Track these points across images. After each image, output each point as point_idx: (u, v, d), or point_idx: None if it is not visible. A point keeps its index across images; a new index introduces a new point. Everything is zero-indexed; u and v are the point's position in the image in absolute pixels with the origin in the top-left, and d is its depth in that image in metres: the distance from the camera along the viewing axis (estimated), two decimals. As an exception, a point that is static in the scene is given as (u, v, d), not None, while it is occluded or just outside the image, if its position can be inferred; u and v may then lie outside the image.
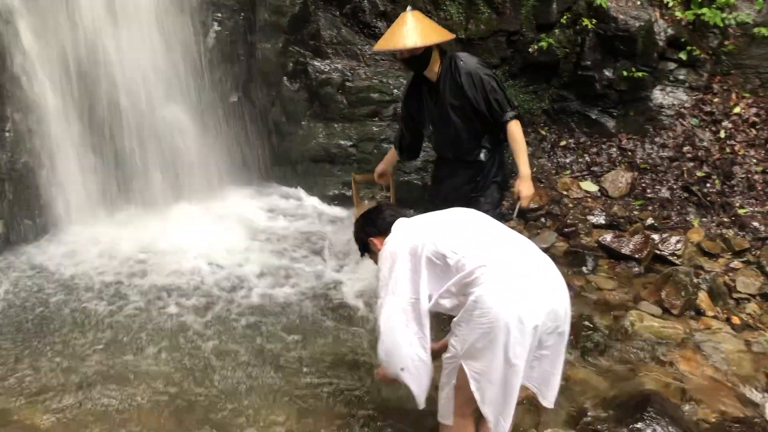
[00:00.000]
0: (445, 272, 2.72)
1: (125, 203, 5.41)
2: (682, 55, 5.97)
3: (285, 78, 5.98)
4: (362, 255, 3.20)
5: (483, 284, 2.61)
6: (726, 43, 6.02)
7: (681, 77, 6.06)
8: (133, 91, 5.36)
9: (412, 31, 3.70)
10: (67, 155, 5.07)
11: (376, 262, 3.00)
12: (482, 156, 3.95)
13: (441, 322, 3.39)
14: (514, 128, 3.85)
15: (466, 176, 4.00)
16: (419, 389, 2.80)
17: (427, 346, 2.77)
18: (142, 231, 5.17)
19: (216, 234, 5.19)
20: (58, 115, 5.00)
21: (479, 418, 2.81)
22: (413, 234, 2.83)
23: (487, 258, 2.68)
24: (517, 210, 4.02)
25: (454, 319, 2.71)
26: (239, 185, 5.98)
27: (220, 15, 5.88)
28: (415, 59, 3.80)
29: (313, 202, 5.83)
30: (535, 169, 5.98)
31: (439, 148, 4.11)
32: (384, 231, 2.98)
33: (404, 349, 2.76)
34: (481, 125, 3.88)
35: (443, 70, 3.84)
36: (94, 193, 5.23)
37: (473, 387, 2.64)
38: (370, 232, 3.05)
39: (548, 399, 2.79)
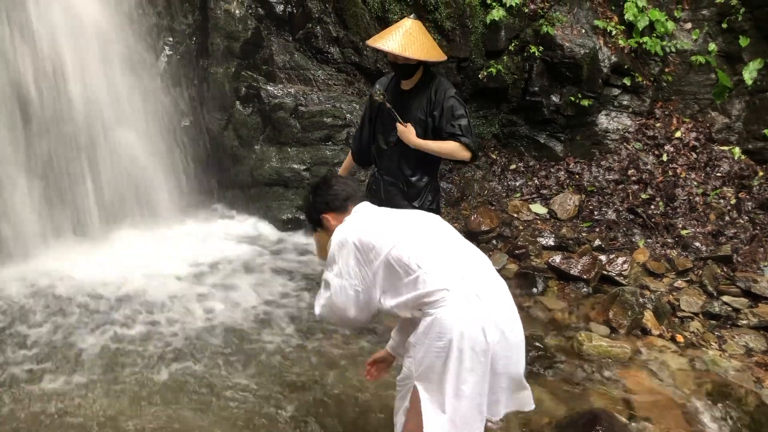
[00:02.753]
0: (405, 284, 2.64)
1: (69, 230, 5.30)
2: (626, 81, 6.18)
3: (238, 102, 5.98)
4: (315, 230, 3.04)
5: (443, 307, 2.55)
6: (666, 70, 6.26)
7: (625, 103, 6.28)
8: (83, 116, 5.29)
9: (414, 42, 3.69)
10: (12, 181, 4.95)
11: (327, 237, 2.87)
12: (420, 177, 3.97)
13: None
14: (454, 145, 3.81)
15: (403, 198, 3.97)
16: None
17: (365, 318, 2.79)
18: (84, 260, 5.06)
19: (161, 263, 5.10)
20: (5, 141, 4.88)
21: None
22: (376, 230, 2.72)
23: (450, 280, 2.60)
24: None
25: (409, 339, 2.69)
26: (191, 210, 5.94)
27: (171, 39, 5.89)
28: (406, 67, 3.81)
29: (264, 227, 5.79)
30: (486, 192, 6.11)
31: (383, 158, 4.04)
32: (337, 208, 2.87)
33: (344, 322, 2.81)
34: None
35: (421, 84, 3.88)
36: (41, 220, 5.12)
37: (424, 409, 2.63)
38: (322, 208, 2.91)
39: (527, 403, 2.80)
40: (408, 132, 3.86)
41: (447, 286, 2.58)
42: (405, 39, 3.67)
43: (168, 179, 5.80)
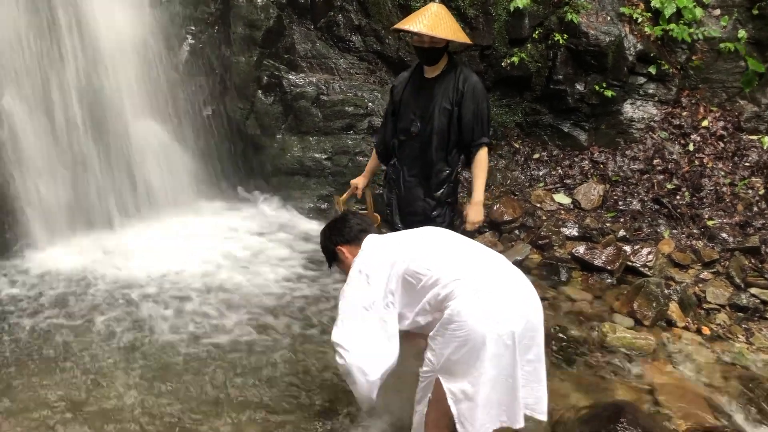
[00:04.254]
0: (420, 290, 2.73)
1: (97, 219, 5.34)
2: (652, 70, 6.08)
3: (260, 91, 5.98)
4: (330, 265, 3.17)
5: (457, 298, 2.63)
6: (693, 58, 6.15)
7: (650, 91, 6.17)
8: (106, 105, 5.33)
9: (441, 23, 3.67)
10: (38, 171, 5.01)
11: (343, 271, 2.98)
12: (442, 168, 3.95)
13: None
14: (483, 154, 3.87)
15: (424, 188, 3.97)
16: (368, 389, 2.74)
17: (389, 361, 2.74)
18: (110, 248, 5.11)
19: (185, 251, 5.12)
20: (28, 131, 4.94)
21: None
22: (386, 253, 2.84)
23: (461, 272, 2.70)
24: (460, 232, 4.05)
25: (430, 333, 2.72)
26: (213, 199, 5.98)
27: (193, 29, 5.90)
28: (433, 50, 3.78)
29: (287, 216, 5.79)
30: (509, 182, 6.06)
31: (405, 147, 4.01)
32: (351, 240, 2.98)
33: (369, 359, 2.73)
34: (455, 139, 3.89)
35: (446, 72, 3.85)
36: (65, 209, 5.17)
37: (450, 401, 2.64)
38: (337, 241, 3.02)
39: (540, 411, 2.79)
40: (476, 216, 3.90)
41: (457, 278, 2.66)
42: (432, 20, 3.65)
43: (191, 168, 5.83)
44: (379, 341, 2.74)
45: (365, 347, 2.73)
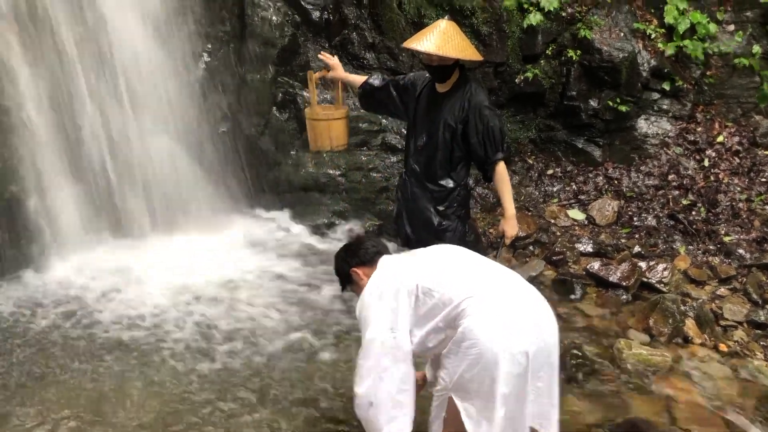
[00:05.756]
0: (433, 308, 2.72)
1: (112, 234, 5.38)
2: (666, 86, 6.07)
3: (274, 108, 6.03)
4: (343, 288, 3.15)
5: (470, 315, 2.62)
6: (708, 73, 6.14)
7: (665, 107, 6.16)
8: (123, 121, 5.39)
9: (450, 42, 3.68)
10: (55, 185, 5.06)
11: (357, 293, 2.98)
12: (446, 183, 3.96)
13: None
14: (502, 169, 3.87)
15: (430, 201, 3.98)
16: (388, 426, 2.74)
17: (406, 387, 2.75)
18: (127, 264, 5.13)
19: (198, 267, 5.14)
20: (46, 144, 5.01)
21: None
22: (399, 273, 2.83)
23: (474, 289, 2.69)
24: (500, 248, 4.08)
25: (443, 351, 2.70)
26: (228, 214, 5.98)
27: (210, 46, 5.95)
28: (441, 68, 3.80)
29: (301, 233, 5.81)
30: (522, 198, 6.04)
31: (412, 159, 4.05)
32: (366, 262, 2.97)
33: (382, 386, 2.73)
34: (460, 155, 3.90)
35: (455, 89, 3.86)
36: (82, 224, 5.21)
37: (465, 419, 2.63)
38: (352, 262, 3.00)
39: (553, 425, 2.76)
40: (512, 230, 3.93)
41: (471, 295, 2.65)
42: (440, 39, 3.65)
43: (205, 184, 5.85)
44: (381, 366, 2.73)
45: (388, 398, 2.72)
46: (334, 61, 4.29)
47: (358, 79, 4.34)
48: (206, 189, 5.88)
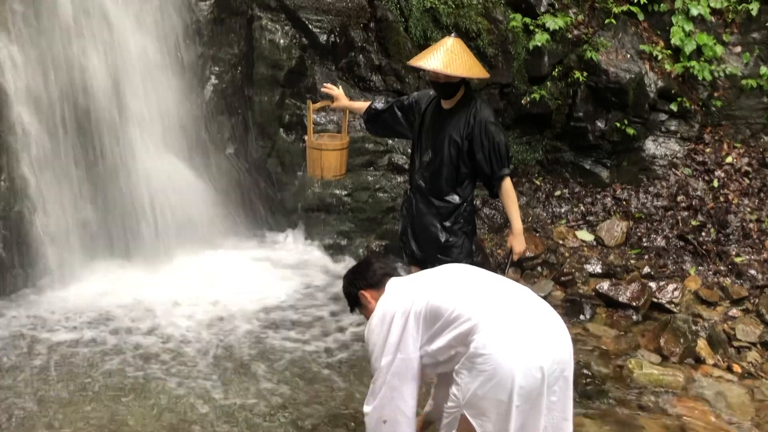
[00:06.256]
0: (443, 326, 2.68)
1: (118, 255, 5.35)
2: (673, 107, 6.06)
3: (281, 129, 6.04)
4: (352, 310, 3.12)
5: (482, 331, 2.56)
6: (715, 94, 6.13)
7: (672, 128, 6.15)
8: (129, 142, 5.39)
9: (456, 59, 3.67)
10: (61, 205, 5.05)
11: (366, 316, 2.95)
12: (452, 198, 3.93)
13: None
14: (508, 185, 3.85)
15: (435, 217, 3.95)
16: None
17: (415, 403, 2.75)
18: (132, 285, 5.09)
19: (204, 288, 5.10)
20: (53, 164, 5.01)
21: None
22: (407, 294, 2.80)
23: (485, 306, 2.64)
24: (509, 265, 4.04)
25: (456, 367, 2.65)
26: (234, 236, 5.95)
27: (217, 69, 5.99)
28: (448, 86, 3.80)
29: (307, 252, 5.78)
30: (530, 219, 6.00)
31: (417, 175, 4.02)
32: (374, 284, 2.94)
33: (393, 404, 2.73)
34: (466, 171, 3.88)
35: (461, 105, 3.86)
36: (87, 243, 5.19)
37: (477, 428, 2.56)
38: (360, 285, 2.98)
39: None
40: (520, 246, 3.92)
41: (482, 311, 2.61)
42: (447, 57, 3.65)
43: (212, 206, 5.83)
44: (406, 395, 2.73)
45: (400, 414, 2.74)
46: (337, 91, 4.31)
47: (363, 105, 4.35)
48: (213, 211, 5.86)
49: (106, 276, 5.14)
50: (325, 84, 4.50)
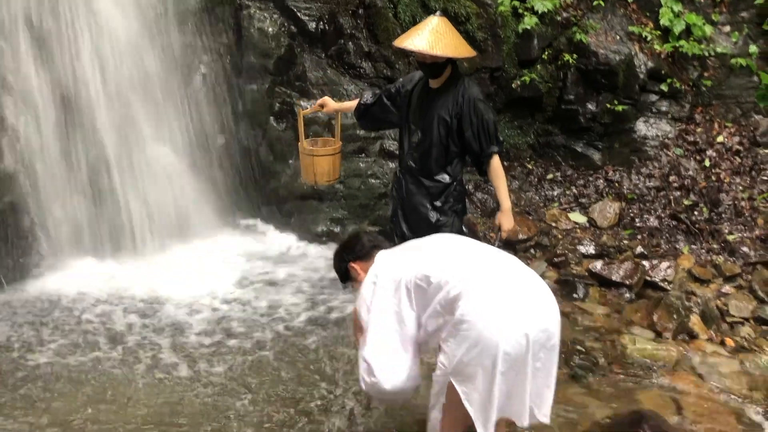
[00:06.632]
0: (431, 294, 2.69)
1: (109, 245, 5.33)
2: (663, 87, 6.05)
3: (272, 118, 6.02)
4: (344, 285, 3.15)
5: (468, 298, 2.58)
6: (705, 74, 6.12)
7: (663, 109, 6.14)
8: (120, 132, 5.38)
9: (442, 39, 3.66)
10: (52, 196, 5.04)
11: (356, 288, 2.96)
12: (442, 178, 3.93)
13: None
14: (496, 163, 3.86)
15: (426, 197, 3.95)
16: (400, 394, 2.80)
17: (413, 373, 2.75)
18: (124, 275, 5.08)
19: (200, 279, 5.07)
20: (44, 155, 4.99)
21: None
22: (396, 263, 2.82)
23: (471, 272, 2.66)
24: (497, 242, 4.03)
25: (442, 335, 2.66)
26: (227, 225, 5.95)
27: (206, 58, 5.97)
28: (434, 66, 3.78)
29: (300, 239, 5.77)
30: (523, 202, 5.99)
31: (407, 156, 4.03)
32: (363, 257, 2.96)
33: (398, 374, 2.72)
34: (455, 150, 3.87)
35: (448, 84, 3.85)
36: (78, 234, 5.18)
37: (465, 401, 2.57)
38: (349, 258, 3.01)
39: (544, 415, 2.70)
40: (508, 223, 3.93)
41: (467, 278, 2.62)
42: (433, 37, 3.64)
43: (204, 195, 5.83)
44: (398, 351, 2.72)
45: (389, 364, 2.72)
46: (321, 99, 4.34)
47: (353, 104, 4.36)
48: (205, 200, 5.86)
49: (96, 267, 5.12)
50: (302, 109, 4.47)
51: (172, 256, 5.49)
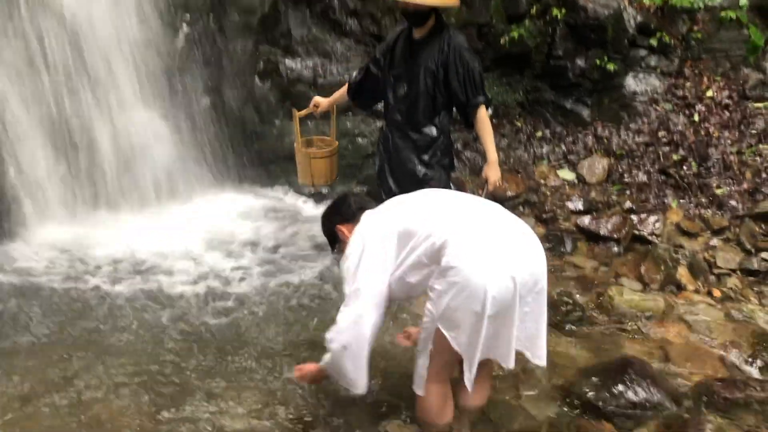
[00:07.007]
0: (415, 245, 2.67)
1: (94, 207, 5.28)
2: (653, 42, 5.99)
3: (256, 77, 5.94)
4: (333, 249, 3.12)
5: (454, 245, 2.56)
6: (695, 28, 6.05)
7: (652, 63, 6.08)
8: (102, 94, 5.29)
9: None
10: (33, 158, 4.97)
11: (344, 251, 2.92)
12: (430, 130, 3.89)
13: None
14: (483, 114, 3.83)
15: (413, 151, 3.91)
16: (355, 372, 2.75)
17: (375, 332, 2.74)
18: (110, 236, 5.03)
19: (183, 240, 5.01)
20: (23, 117, 4.90)
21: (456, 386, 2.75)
22: (381, 220, 2.81)
23: (457, 221, 2.65)
24: (484, 195, 4.01)
25: (429, 283, 2.64)
26: (212, 187, 5.89)
27: (188, 16, 5.84)
28: (418, 14, 3.72)
29: (287, 200, 5.74)
30: (512, 161, 5.96)
31: (393, 110, 3.99)
32: (350, 218, 2.94)
33: (357, 330, 2.71)
34: (443, 101, 3.83)
35: (433, 33, 3.78)
36: (62, 197, 5.11)
37: (453, 344, 2.57)
38: (336, 220, 2.99)
39: (539, 357, 2.70)
40: (495, 175, 3.93)
41: (452, 226, 2.61)
42: None
43: (189, 158, 5.76)
44: (370, 322, 2.70)
45: (362, 343, 2.71)
46: (314, 100, 4.35)
47: (342, 90, 4.32)
48: (190, 162, 5.80)
49: (83, 227, 5.06)
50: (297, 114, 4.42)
51: (156, 217, 5.44)
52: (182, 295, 4.27)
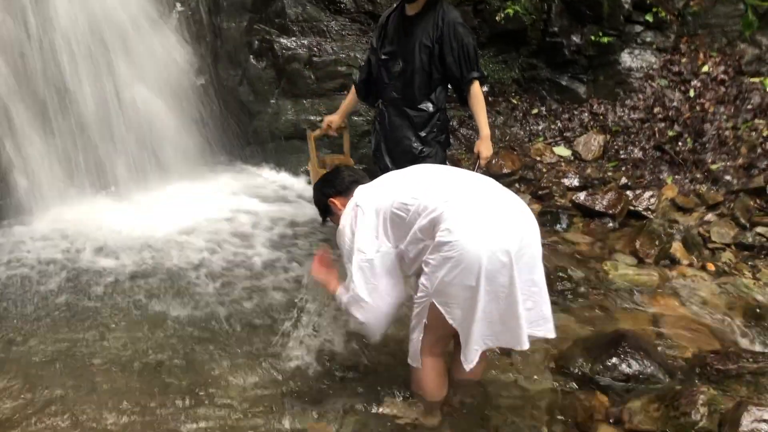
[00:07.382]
0: (410, 220, 2.68)
1: (91, 186, 5.28)
2: (649, 18, 5.97)
3: (251, 56, 5.91)
4: (324, 221, 3.15)
5: (447, 219, 2.56)
6: (691, 3, 6.04)
7: (648, 39, 6.07)
8: (98, 73, 5.27)
9: None
10: (30, 138, 4.95)
11: (336, 223, 2.95)
12: (426, 107, 3.89)
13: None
14: (477, 89, 3.83)
15: (410, 128, 3.91)
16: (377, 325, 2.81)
17: (398, 294, 2.77)
18: (107, 214, 5.04)
19: (181, 217, 5.02)
20: (18, 97, 4.88)
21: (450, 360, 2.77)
22: (374, 194, 2.81)
23: (450, 195, 2.64)
24: (477, 170, 4.02)
25: (423, 257, 2.65)
26: (208, 166, 5.90)
27: (183, -5, 5.83)
28: None
29: (283, 179, 5.73)
30: (507, 138, 5.97)
31: (388, 88, 3.97)
32: (343, 191, 2.95)
33: (386, 300, 2.74)
34: (438, 77, 3.83)
35: (426, 9, 3.77)
36: (59, 177, 5.10)
37: (449, 319, 2.58)
38: (329, 192, 3.01)
39: (548, 330, 2.70)
40: (487, 150, 3.89)
41: (446, 200, 2.60)
42: None
43: (185, 137, 5.75)
44: (384, 275, 2.73)
45: (376, 294, 2.73)
46: (326, 120, 4.39)
47: (351, 95, 4.33)
48: (186, 141, 5.78)
49: (80, 206, 5.07)
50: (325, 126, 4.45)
51: (152, 196, 5.43)
52: (180, 273, 4.28)
